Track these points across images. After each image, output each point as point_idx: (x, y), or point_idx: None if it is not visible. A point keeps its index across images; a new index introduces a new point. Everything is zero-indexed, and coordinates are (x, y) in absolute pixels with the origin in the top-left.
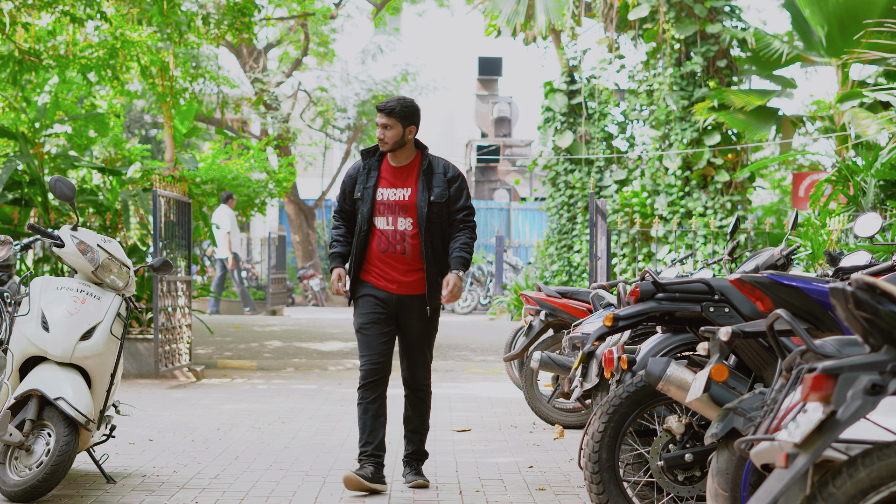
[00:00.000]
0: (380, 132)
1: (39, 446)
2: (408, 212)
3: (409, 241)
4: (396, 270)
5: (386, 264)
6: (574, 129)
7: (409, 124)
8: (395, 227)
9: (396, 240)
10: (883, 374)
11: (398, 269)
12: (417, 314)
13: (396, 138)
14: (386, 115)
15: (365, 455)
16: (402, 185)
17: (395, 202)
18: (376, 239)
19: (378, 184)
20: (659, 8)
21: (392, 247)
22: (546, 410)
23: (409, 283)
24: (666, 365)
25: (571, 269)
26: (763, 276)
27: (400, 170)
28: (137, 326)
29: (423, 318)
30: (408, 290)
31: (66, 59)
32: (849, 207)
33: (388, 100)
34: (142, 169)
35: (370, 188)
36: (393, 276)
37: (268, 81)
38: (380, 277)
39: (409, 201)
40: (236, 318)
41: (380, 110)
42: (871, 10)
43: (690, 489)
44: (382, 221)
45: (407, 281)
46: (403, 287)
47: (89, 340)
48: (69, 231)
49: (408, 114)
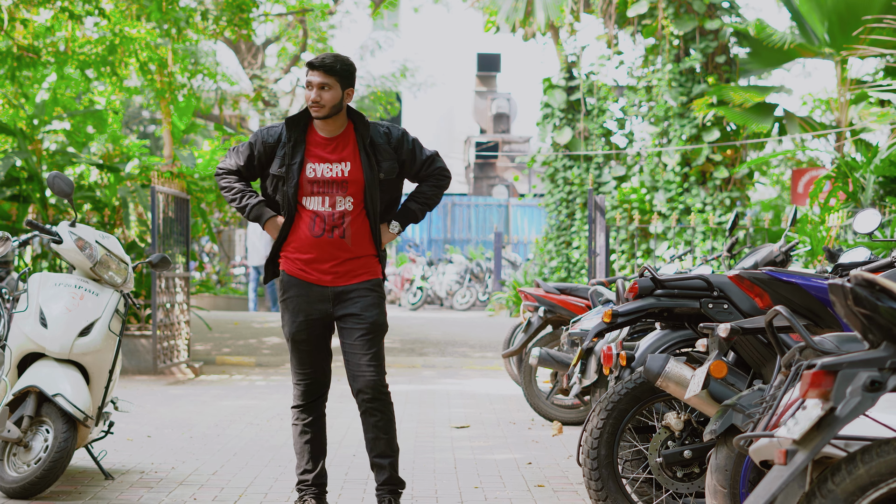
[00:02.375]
0: (315, 94)
1: (38, 443)
2: (347, 190)
3: (350, 225)
4: (334, 258)
5: (322, 251)
6: (573, 126)
7: (348, 86)
8: (333, 209)
9: (335, 222)
10: (882, 370)
11: (336, 257)
12: (362, 305)
13: (334, 101)
14: (324, 72)
15: (305, 485)
16: (337, 160)
17: (332, 178)
18: (306, 223)
19: (305, 158)
20: (658, 4)
21: (329, 231)
22: (545, 407)
23: (348, 272)
24: (665, 361)
25: (570, 266)
26: (762, 272)
27: (331, 140)
28: (136, 323)
29: (376, 306)
30: (348, 280)
31: (65, 55)
32: (848, 204)
33: (324, 55)
34: (140, 165)
35: (296, 164)
36: (328, 265)
37: (266, 77)
38: (312, 269)
39: (351, 177)
40: (235, 315)
41: (314, 67)
42: (871, 6)
43: (689, 486)
44: (316, 202)
45: (345, 270)
46: (342, 277)
47: (87, 337)
48: (67, 227)
49: (348, 73)
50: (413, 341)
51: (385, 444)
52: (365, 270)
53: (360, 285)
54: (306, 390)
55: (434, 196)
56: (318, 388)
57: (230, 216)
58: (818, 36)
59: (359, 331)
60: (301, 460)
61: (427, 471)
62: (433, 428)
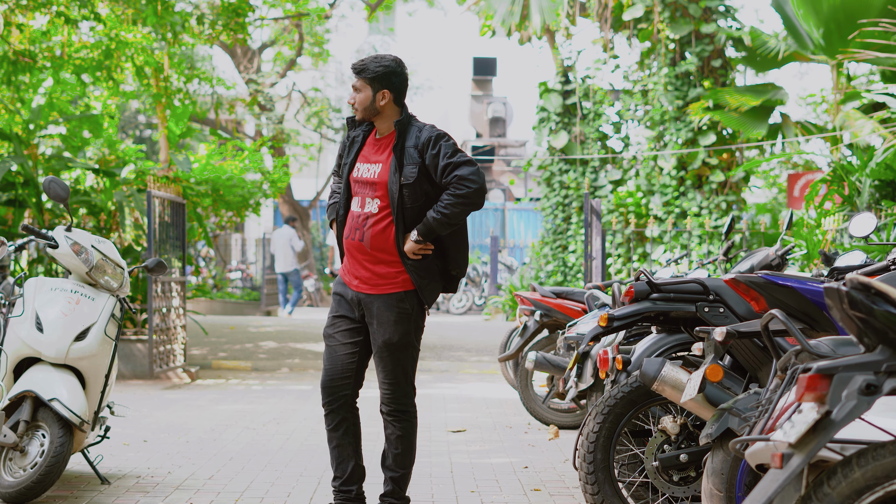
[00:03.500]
0: (351, 96)
1: (34, 447)
2: (376, 191)
3: (371, 227)
4: (358, 263)
5: (350, 255)
6: (569, 130)
7: (380, 88)
8: (362, 209)
9: (358, 224)
10: (878, 373)
11: (359, 261)
12: (384, 318)
13: (365, 103)
14: (356, 74)
15: (335, 490)
16: (375, 161)
17: (367, 180)
18: (348, 223)
19: (357, 158)
20: (654, 8)
21: (353, 232)
22: (541, 411)
23: (369, 279)
24: (661, 365)
25: (566, 270)
26: (758, 276)
27: (379, 142)
28: (132, 327)
29: (392, 324)
30: (369, 288)
31: (61, 60)
32: (844, 207)
33: (364, 58)
34: (136, 170)
35: (347, 164)
36: (355, 269)
37: (262, 82)
38: (346, 271)
39: (379, 179)
40: (231, 319)
41: (352, 70)
42: (867, 9)
43: (685, 489)
44: (356, 202)
45: (367, 276)
46: (364, 283)
47: (83, 341)
48: (63, 232)
49: (379, 75)
50: None
51: (395, 458)
52: (387, 281)
53: (380, 297)
54: (326, 389)
55: (452, 205)
56: (340, 390)
57: (226, 220)
58: (813, 40)
59: (375, 346)
60: (332, 465)
61: (423, 475)
62: (430, 432)
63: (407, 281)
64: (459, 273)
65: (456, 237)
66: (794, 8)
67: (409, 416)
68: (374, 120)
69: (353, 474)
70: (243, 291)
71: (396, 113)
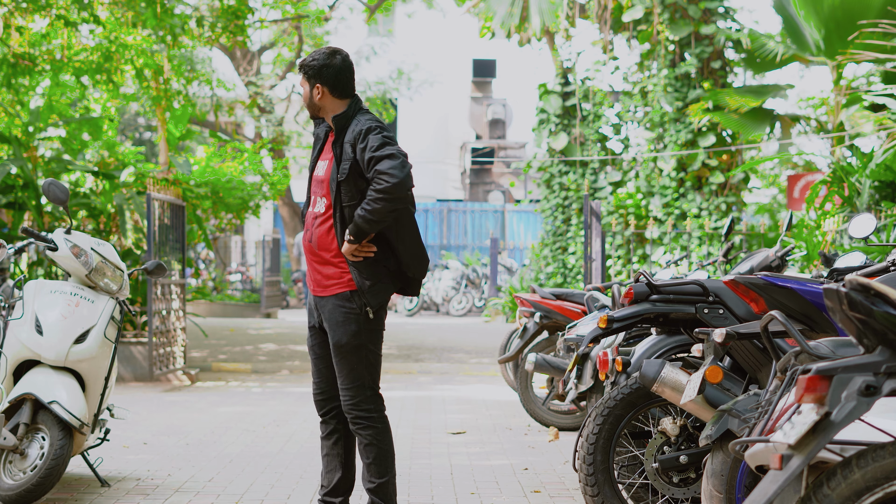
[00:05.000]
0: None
1: (34, 450)
2: (323, 190)
3: (318, 227)
4: (310, 265)
5: (306, 258)
6: (568, 131)
7: (315, 82)
8: (313, 209)
9: (309, 225)
10: (877, 375)
11: (311, 263)
12: (332, 319)
13: (306, 100)
14: (299, 70)
15: (319, 500)
16: (325, 158)
17: (318, 178)
18: (305, 225)
19: (318, 156)
20: (653, 9)
21: (306, 234)
22: (541, 412)
23: (319, 281)
24: (660, 367)
25: (566, 271)
26: (757, 277)
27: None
28: (132, 330)
29: (339, 324)
30: (321, 290)
31: (61, 62)
32: (843, 208)
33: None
34: (136, 172)
35: (310, 163)
36: (310, 272)
37: (262, 84)
38: (307, 276)
39: (325, 176)
40: (231, 322)
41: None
42: (867, 10)
43: (685, 491)
44: (312, 202)
45: (319, 277)
46: (317, 287)
47: (83, 344)
48: (63, 234)
49: (314, 69)
50: (409, 347)
51: (367, 468)
52: (333, 281)
53: (329, 299)
54: (317, 401)
55: (374, 201)
56: (330, 402)
57: (225, 223)
58: (813, 42)
59: (331, 349)
60: (321, 474)
61: (423, 477)
62: (429, 434)
63: (347, 278)
64: (416, 275)
65: (402, 236)
66: (796, 9)
67: (372, 422)
68: (322, 116)
69: (338, 485)
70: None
71: (339, 106)
